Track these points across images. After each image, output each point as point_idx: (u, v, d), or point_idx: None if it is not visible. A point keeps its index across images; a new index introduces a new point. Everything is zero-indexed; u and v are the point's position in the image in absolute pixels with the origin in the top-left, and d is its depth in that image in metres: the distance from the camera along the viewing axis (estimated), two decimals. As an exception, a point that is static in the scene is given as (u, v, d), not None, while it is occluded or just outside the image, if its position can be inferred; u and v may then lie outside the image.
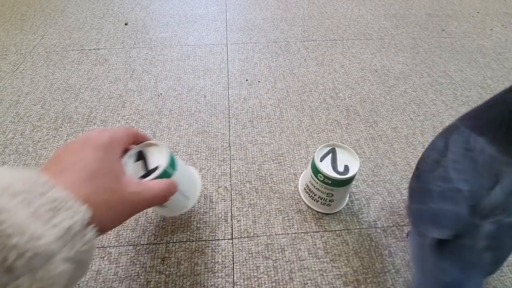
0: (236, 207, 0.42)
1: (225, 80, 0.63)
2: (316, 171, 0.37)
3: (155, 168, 0.29)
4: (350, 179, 0.36)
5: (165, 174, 0.29)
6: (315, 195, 0.39)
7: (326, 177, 0.36)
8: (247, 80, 0.63)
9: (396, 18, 0.83)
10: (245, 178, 0.45)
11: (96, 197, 0.21)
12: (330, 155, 0.38)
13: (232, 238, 0.39)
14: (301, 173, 0.46)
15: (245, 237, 0.39)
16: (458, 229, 0.26)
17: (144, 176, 0.29)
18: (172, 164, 0.31)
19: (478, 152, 0.27)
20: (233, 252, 0.37)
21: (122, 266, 0.36)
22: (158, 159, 0.31)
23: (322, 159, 0.38)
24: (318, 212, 0.41)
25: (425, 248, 0.27)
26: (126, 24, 0.80)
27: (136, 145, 0.32)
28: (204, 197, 0.43)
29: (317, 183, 0.38)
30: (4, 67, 0.65)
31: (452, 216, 0.26)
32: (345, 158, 0.38)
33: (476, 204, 0.25)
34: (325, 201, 0.39)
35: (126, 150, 0.30)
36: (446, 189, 0.27)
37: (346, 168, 0.37)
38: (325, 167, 0.36)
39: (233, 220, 0.40)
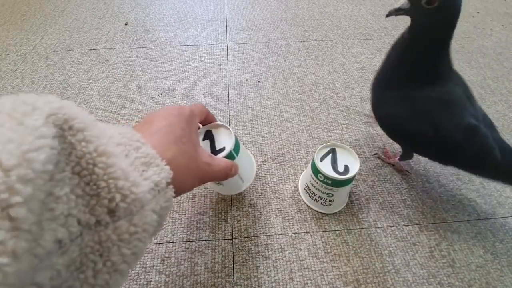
0: (236, 207, 0.42)
1: (225, 80, 0.63)
2: (316, 171, 0.37)
3: (222, 149, 0.32)
4: (350, 179, 0.36)
5: (230, 156, 0.32)
6: (315, 195, 0.39)
7: (326, 177, 0.36)
8: (247, 80, 0.63)
9: (396, 18, 0.83)
10: (245, 178, 0.45)
11: (178, 161, 0.22)
12: (330, 155, 0.38)
13: (232, 238, 0.39)
14: (301, 173, 0.46)
15: (245, 237, 0.39)
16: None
17: None
18: (236, 148, 0.33)
19: (433, 92, 0.34)
20: (233, 252, 0.37)
21: (122, 266, 0.36)
22: (224, 141, 0.33)
23: (322, 159, 0.38)
24: (318, 212, 0.41)
25: None
26: (126, 24, 0.80)
27: (202, 123, 0.34)
28: (204, 197, 0.43)
29: (317, 183, 0.38)
30: (4, 67, 0.65)
31: (493, 140, 0.35)
32: (345, 158, 0.38)
33: (478, 120, 0.35)
34: (325, 201, 0.39)
35: None
36: (465, 130, 0.34)
37: (346, 168, 0.37)
38: (325, 167, 0.36)
39: (233, 220, 0.40)
